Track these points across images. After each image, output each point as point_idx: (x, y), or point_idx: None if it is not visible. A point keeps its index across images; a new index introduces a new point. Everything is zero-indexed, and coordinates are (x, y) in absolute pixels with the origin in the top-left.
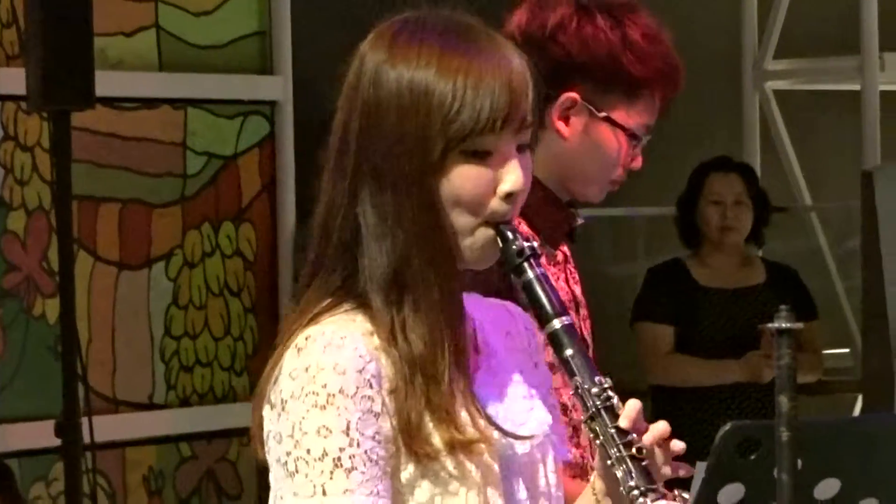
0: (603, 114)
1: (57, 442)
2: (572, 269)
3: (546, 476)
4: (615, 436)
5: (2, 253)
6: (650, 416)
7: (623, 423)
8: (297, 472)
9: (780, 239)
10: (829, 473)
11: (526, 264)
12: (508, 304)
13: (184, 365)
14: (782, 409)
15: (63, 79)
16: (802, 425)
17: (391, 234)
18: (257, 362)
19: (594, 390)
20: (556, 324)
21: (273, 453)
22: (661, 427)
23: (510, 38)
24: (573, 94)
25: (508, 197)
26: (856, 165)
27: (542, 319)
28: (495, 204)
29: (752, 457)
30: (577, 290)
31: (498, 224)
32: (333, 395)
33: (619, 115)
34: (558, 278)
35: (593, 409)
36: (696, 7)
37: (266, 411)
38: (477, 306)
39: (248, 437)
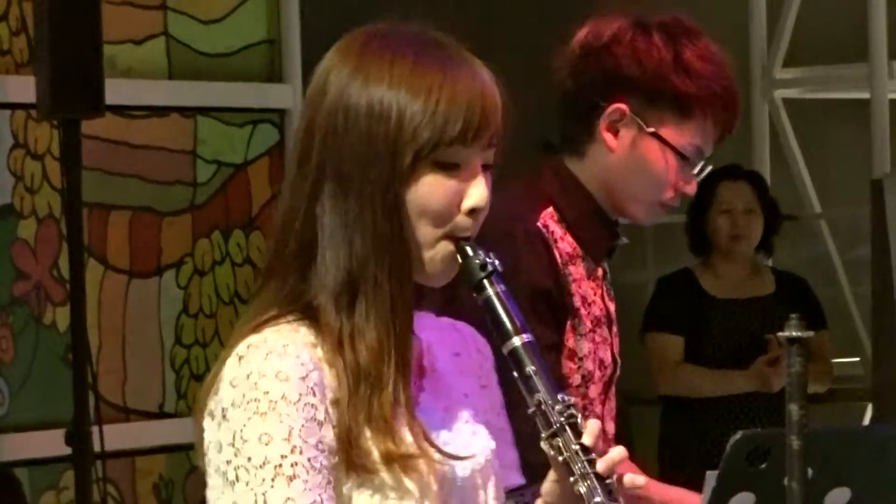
0: (651, 129)
1: (67, 450)
2: (609, 286)
3: (487, 502)
4: (579, 452)
5: (12, 261)
6: (660, 425)
7: (587, 440)
8: (237, 480)
9: (789, 247)
10: (840, 482)
11: (486, 281)
12: (460, 324)
13: (194, 373)
14: (793, 417)
15: (73, 87)
16: (813, 434)
17: (349, 240)
18: None
19: (557, 407)
20: (517, 341)
21: (212, 463)
22: (617, 452)
23: (571, 52)
24: (622, 106)
25: (472, 212)
26: (865, 173)
27: (503, 336)
28: (459, 218)
29: (763, 466)
30: (612, 307)
31: (458, 239)
32: (275, 402)
33: (667, 133)
34: (595, 293)
35: (557, 426)
36: (704, 16)
37: (206, 422)
38: (426, 326)
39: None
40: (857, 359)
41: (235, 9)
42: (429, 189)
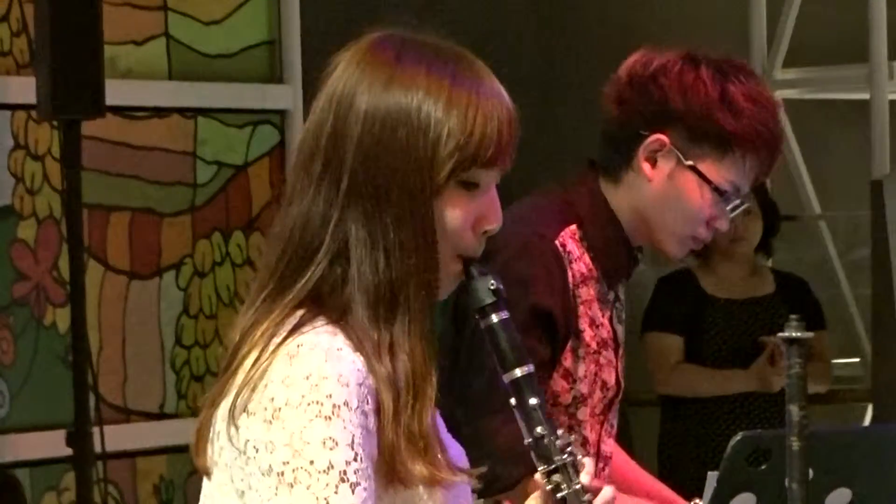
0: (689, 162)
1: (68, 451)
2: (621, 307)
3: None
4: (579, 492)
5: (12, 262)
6: (660, 425)
7: (585, 479)
8: (296, 482)
9: (789, 248)
10: (841, 483)
11: (490, 308)
12: None
13: (194, 374)
14: (793, 418)
15: (73, 88)
16: (813, 435)
17: (386, 251)
18: None
19: (559, 443)
20: (518, 372)
21: (259, 462)
22: (609, 492)
23: (619, 79)
24: (663, 137)
25: (484, 234)
26: (865, 174)
27: (505, 366)
28: (471, 239)
29: (763, 466)
30: (620, 329)
31: (467, 260)
32: (339, 407)
33: (706, 168)
34: (604, 315)
35: (559, 463)
36: (704, 16)
37: (244, 419)
38: None
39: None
40: (857, 359)
41: (236, 10)
42: (452, 207)
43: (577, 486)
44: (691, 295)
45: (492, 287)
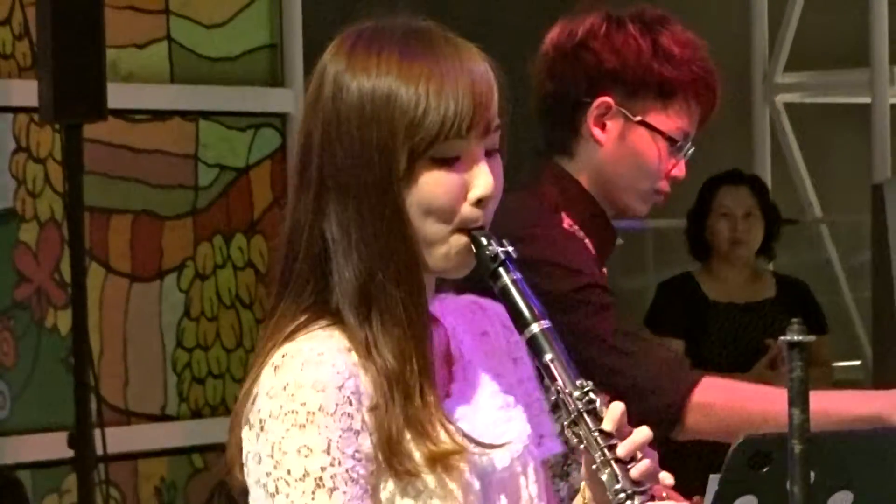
0: (638, 118)
1: (69, 453)
2: None
3: (528, 488)
4: (598, 439)
5: (14, 264)
6: None
7: (607, 426)
8: (277, 492)
9: (789, 252)
10: (842, 486)
11: (501, 269)
12: (483, 300)
13: (196, 377)
14: (794, 421)
15: (75, 91)
16: (815, 438)
17: (356, 249)
18: None
19: (576, 394)
20: (535, 328)
21: (252, 474)
22: (640, 435)
23: (545, 54)
24: (607, 99)
25: (479, 202)
26: (866, 178)
27: (521, 324)
28: (466, 210)
29: (765, 470)
30: None
31: (471, 230)
32: (313, 414)
33: (654, 119)
34: None
35: (575, 413)
36: (706, 20)
37: (245, 431)
38: (448, 309)
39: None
40: (858, 363)
41: (238, 13)
42: (430, 187)
43: (595, 435)
44: (692, 299)
45: (496, 250)
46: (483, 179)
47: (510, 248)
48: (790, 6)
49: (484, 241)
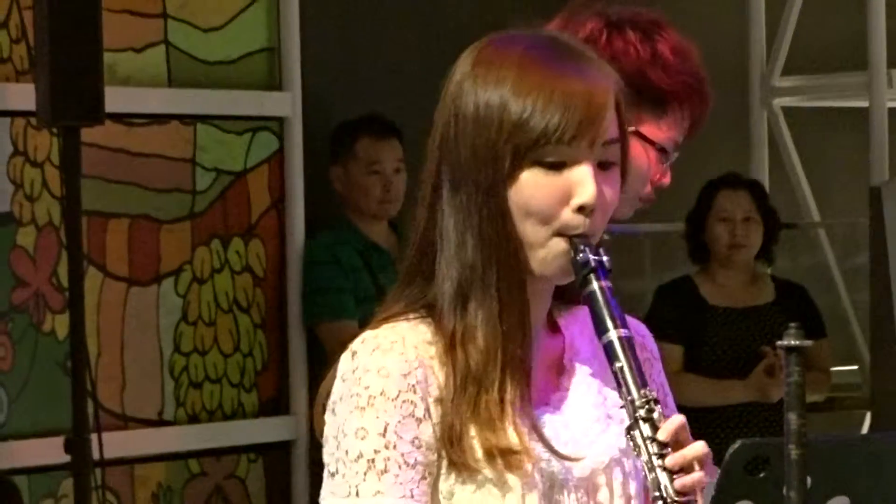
0: (632, 128)
1: (66, 458)
2: None
3: (612, 501)
4: (651, 446)
5: (11, 268)
6: None
7: (661, 435)
8: (336, 472)
9: (787, 255)
10: (839, 491)
11: (592, 275)
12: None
13: (193, 381)
14: (791, 426)
15: (72, 94)
16: (811, 443)
17: (462, 245)
18: (266, 378)
19: (639, 402)
20: (613, 335)
21: (324, 456)
22: (694, 449)
23: None
24: None
25: (581, 209)
26: (864, 181)
27: (601, 330)
28: (567, 216)
29: (762, 475)
30: None
31: (572, 236)
32: (374, 398)
33: (647, 130)
34: None
35: (633, 419)
36: (703, 23)
37: (327, 415)
38: (577, 320)
39: (255, 453)
40: (856, 367)
41: (235, 17)
42: (531, 188)
43: (648, 441)
44: (691, 303)
45: (588, 258)
46: (585, 188)
47: (605, 259)
48: (787, 9)
49: (580, 247)
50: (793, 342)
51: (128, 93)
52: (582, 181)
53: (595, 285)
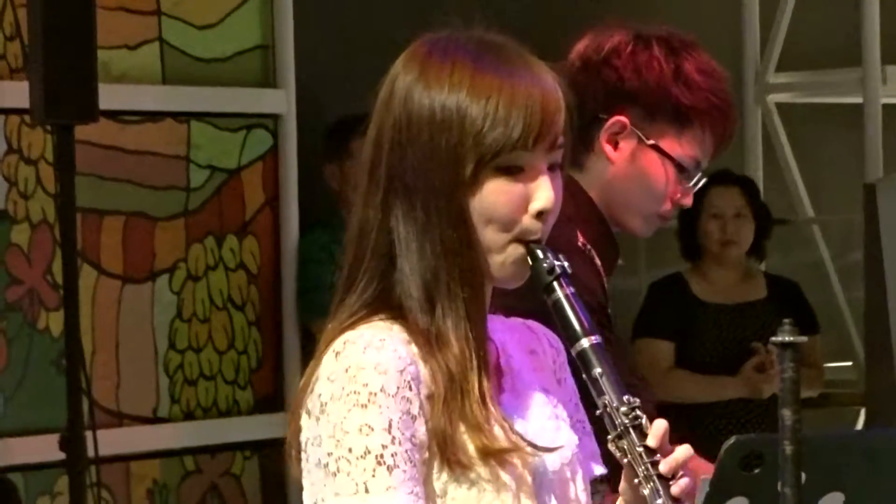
0: (651, 141)
1: (61, 455)
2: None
3: (577, 494)
4: (643, 454)
5: (6, 266)
6: None
7: (651, 442)
8: (338, 471)
9: (781, 252)
10: (833, 487)
11: (555, 283)
12: (530, 322)
13: (188, 378)
14: (786, 422)
15: (66, 92)
16: (806, 439)
17: (422, 248)
18: (261, 376)
19: (623, 409)
20: (585, 343)
21: (312, 458)
22: (681, 452)
23: (571, 64)
24: (622, 119)
25: (540, 215)
26: (858, 178)
27: (571, 338)
28: (527, 221)
29: (756, 471)
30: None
31: (529, 242)
32: (375, 394)
33: (667, 145)
34: None
35: (621, 428)
36: (697, 20)
37: (304, 420)
38: (498, 327)
39: (250, 450)
40: (850, 363)
41: (229, 14)
42: (493, 195)
43: (640, 450)
44: (683, 300)
45: (552, 264)
46: (544, 192)
47: (566, 263)
48: (782, 6)
49: (540, 253)
50: (787, 338)
51: (122, 90)
52: (540, 186)
53: (560, 293)
